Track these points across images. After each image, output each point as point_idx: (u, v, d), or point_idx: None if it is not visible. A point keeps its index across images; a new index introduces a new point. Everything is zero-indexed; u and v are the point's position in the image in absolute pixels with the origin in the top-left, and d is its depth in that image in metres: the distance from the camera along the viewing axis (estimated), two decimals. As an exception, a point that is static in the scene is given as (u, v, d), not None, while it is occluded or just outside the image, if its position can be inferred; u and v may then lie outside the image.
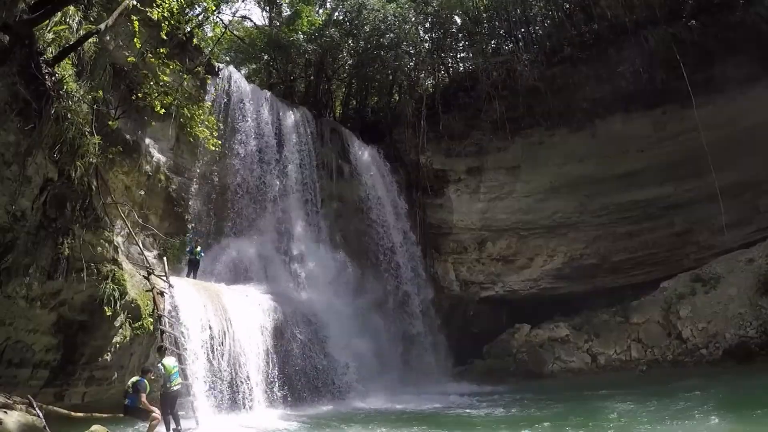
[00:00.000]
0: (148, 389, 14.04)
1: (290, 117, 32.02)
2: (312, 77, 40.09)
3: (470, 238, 35.51)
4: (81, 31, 14.51)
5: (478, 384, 28.82)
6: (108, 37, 19.24)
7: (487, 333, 33.40)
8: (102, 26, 13.61)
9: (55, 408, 12.78)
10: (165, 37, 16.84)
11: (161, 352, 15.96)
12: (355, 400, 23.83)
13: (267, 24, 41.96)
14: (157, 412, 14.02)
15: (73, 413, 13.20)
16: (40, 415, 11.13)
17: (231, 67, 31.77)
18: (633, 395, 19.93)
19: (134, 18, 15.81)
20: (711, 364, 25.80)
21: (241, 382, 20.07)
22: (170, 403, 14.80)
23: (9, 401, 10.65)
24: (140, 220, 23.71)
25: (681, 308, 28.48)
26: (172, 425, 14.86)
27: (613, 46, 31.74)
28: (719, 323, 27.04)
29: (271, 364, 21.70)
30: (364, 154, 34.64)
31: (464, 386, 28.82)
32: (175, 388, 14.86)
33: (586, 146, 32.97)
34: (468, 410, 20.80)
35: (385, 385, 26.47)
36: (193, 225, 27.06)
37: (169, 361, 15.22)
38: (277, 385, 21.42)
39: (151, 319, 17.85)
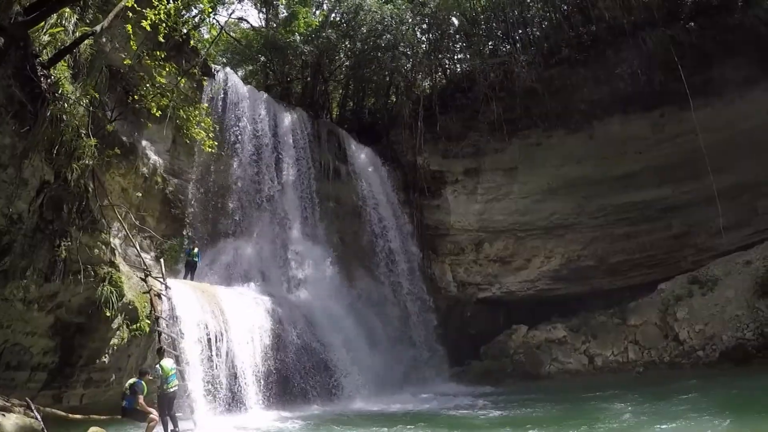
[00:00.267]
0: (145, 391, 14.09)
1: (287, 118, 32.00)
2: (309, 78, 40.07)
3: (467, 240, 35.46)
4: (77, 33, 14.48)
5: (476, 385, 28.84)
6: (104, 39, 19.24)
7: (485, 334, 33.35)
8: (97, 28, 13.59)
9: (53, 410, 12.81)
10: (162, 40, 16.81)
11: (160, 353, 16.01)
12: (353, 401, 23.84)
13: (263, 25, 41.93)
14: (154, 414, 14.07)
15: (71, 415, 13.23)
16: (38, 417, 11.14)
17: (227, 69, 31.81)
18: (630, 397, 19.92)
19: (131, 15, 15.76)
20: (708, 366, 25.73)
21: (238, 383, 20.11)
22: (167, 404, 14.85)
23: (7, 404, 10.67)
24: (137, 222, 23.76)
25: (678, 310, 28.42)
26: (170, 426, 14.91)
27: (611, 48, 31.65)
28: (716, 325, 26.98)
29: (268, 365, 21.77)
30: (361, 155, 34.63)
31: (461, 387, 28.83)
32: (171, 390, 14.91)
33: (584, 148, 32.91)
34: (465, 411, 20.81)
35: (382, 385, 26.46)
36: (190, 227, 27.07)
37: (167, 363, 15.27)
38: (274, 386, 21.49)
39: (148, 321, 17.92)
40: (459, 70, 40.57)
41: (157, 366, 15.12)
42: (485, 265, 35.34)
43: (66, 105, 13.94)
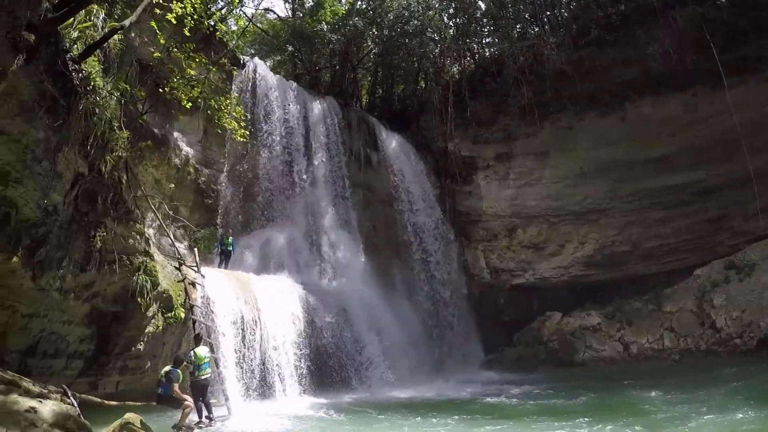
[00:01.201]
0: (180, 379, 14.38)
1: (317, 107, 32.10)
2: (337, 67, 40.15)
3: (500, 225, 35.25)
4: (105, 29, 14.72)
5: (509, 372, 28.79)
6: (133, 34, 19.53)
7: (518, 321, 33.19)
8: (126, 23, 13.81)
9: (89, 397, 13.06)
10: (188, 34, 17.01)
11: (197, 340, 16.28)
12: (386, 388, 23.89)
13: (290, 15, 42.15)
14: (189, 401, 14.36)
15: (106, 402, 13.49)
16: (75, 403, 11.37)
17: (256, 59, 31.96)
18: (666, 385, 19.69)
19: (157, 12, 15.99)
20: (745, 354, 25.20)
21: (272, 370, 20.31)
22: (200, 391, 15.14)
23: (44, 391, 10.91)
24: (171, 212, 24.12)
25: (715, 296, 27.87)
26: (204, 413, 15.17)
27: (641, 27, 30.91)
28: (754, 312, 26.35)
29: (301, 352, 21.87)
30: (391, 142, 34.62)
31: (495, 374, 28.83)
32: (203, 378, 15.17)
33: (616, 130, 32.36)
34: (499, 399, 20.74)
35: (416, 373, 26.59)
36: (222, 216, 27.39)
37: (201, 351, 15.53)
38: (307, 373, 21.57)
39: (182, 309, 18.16)
40: (487, 54, 40.34)
41: (191, 353, 15.41)
42: (518, 251, 35.10)
43: (98, 98, 14.16)
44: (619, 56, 31.34)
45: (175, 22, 16.39)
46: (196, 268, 20.03)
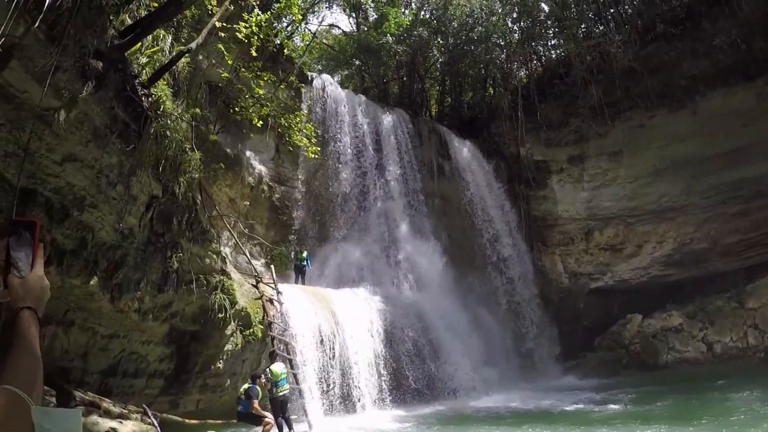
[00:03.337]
0: (260, 395, 14.43)
1: (387, 119, 32.17)
2: (404, 78, 40.26)
3: (576, 229, 34.52)
4: (173, 53, 14.98)
5: (591, 377, 28.21)
6: (200, 57, 19.92)
7: (598, 325, 32.40)
8: (192, 45, 14.01)
9: (169, 416, 13.26)
10: (255, 53, 17.20)
11: (272, 357, 16.36)
12: (468, 398, 23.63)
13: (355, 30, 42.47)
14: (270, 417, 14.37)
15: (187, 420, 13.68)
16: (155, 423, 11.54)
17: (324, 75, 32.30)
18: (753, 385, 18.81)
19: (222, 34, 16.24)
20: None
21: (352, 384, 20.35)
22: (279, 408, 15.15)
23: (124, 411, 11.11)
24: (246, 231, 24.44)
25: (798, 291, 26.63)
26: (285, 429, 15.19)
27: (707, 18, 29.95)
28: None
29: (381, 365, 21.87)
30: (463, 150, 34.38)
31: (577, 380, 28.20)
32: (281, 394, 15.20)
33: (688, 125, 31.17)
34: (582, 406, 20.26)
35: (497, 382, 26.15)
36: (298, 232, 27.64)
37: (277, 367, 15.57)
38: (388, 385, 21.55)
39: (261, 326, 18.31)
40: (554, 56, 39.78)
41: (267, 370, 15.46)
42: (596, 254, 34.24)
43: (169, 122, 14.38)
44: (687, 50, 30.40)
45: (243, 43, 16.57)
46: (273, 285, 20.18)
